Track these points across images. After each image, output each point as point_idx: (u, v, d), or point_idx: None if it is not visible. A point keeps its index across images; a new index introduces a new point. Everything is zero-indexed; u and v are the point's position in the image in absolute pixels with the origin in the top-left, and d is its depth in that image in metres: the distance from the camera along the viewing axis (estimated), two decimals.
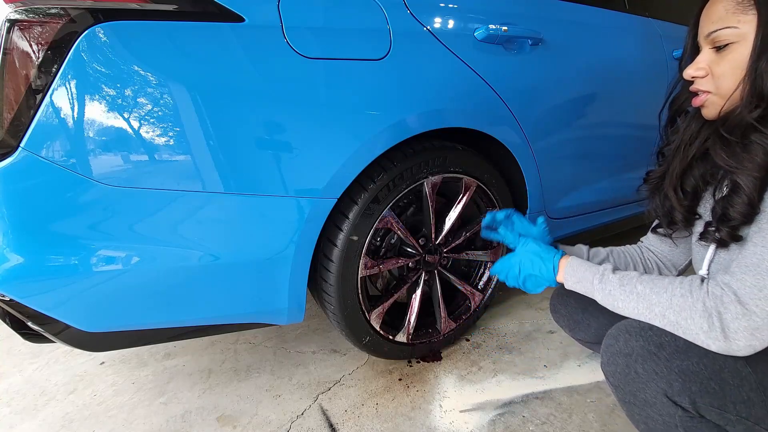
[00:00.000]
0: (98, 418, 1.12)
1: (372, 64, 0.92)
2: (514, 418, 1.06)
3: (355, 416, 1.09)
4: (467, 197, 1.18)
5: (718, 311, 0.59)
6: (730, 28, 0.63)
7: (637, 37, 1.45)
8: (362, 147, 0.93)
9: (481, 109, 1.10)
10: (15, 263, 0.75)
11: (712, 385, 0.61)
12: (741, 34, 0.62)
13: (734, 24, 0.63)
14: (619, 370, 0.66)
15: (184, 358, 1.35)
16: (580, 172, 1.42)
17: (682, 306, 0.63)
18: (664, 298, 0.65)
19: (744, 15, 0.62)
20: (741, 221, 0.63)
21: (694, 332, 0.62)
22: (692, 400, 0.61)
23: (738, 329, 0.58)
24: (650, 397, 0.63)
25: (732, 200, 0.63)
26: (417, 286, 1.20)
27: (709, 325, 0.60)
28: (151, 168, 0.78)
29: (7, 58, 0.69)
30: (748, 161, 0.61)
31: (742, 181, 0.62)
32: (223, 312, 0.95)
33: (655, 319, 0.66)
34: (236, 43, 0.80)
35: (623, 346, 0.66)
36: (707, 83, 0.68)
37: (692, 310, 0.62)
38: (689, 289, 0.63)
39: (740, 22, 0.62)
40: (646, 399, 0.64)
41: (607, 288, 0.72)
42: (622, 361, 0.66)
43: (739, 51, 0.63)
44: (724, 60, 0.65)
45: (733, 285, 0.60)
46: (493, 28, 1.05)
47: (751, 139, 0.62)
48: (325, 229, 0.98)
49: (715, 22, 0.65)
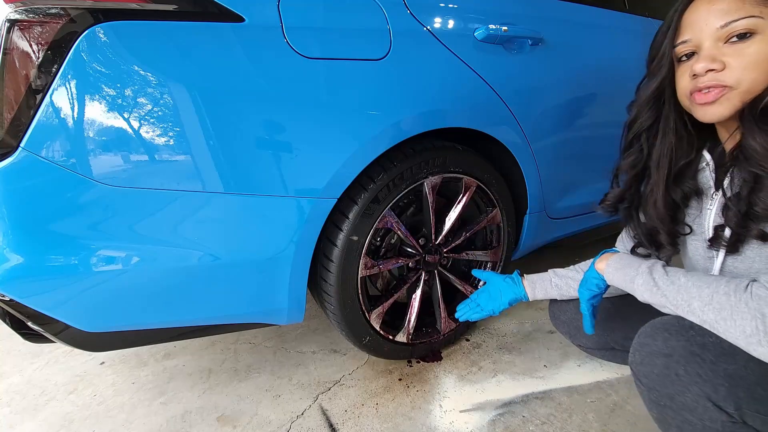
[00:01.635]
0: (98, 418, 1.12)
1: (372, 64, 0.92)
2: (514, 418, 1.06)
3: (355, 416, 1.09)
4: (467, 197, 1.18)
5: (762, 313, 0.56)
6: (753, 17, 0.61)
7: (637, 37, 1.45)
8: (362, 147, 0.93)
9: (481, 109, 1.10)
10: (15, 263, 0.75)
11: (759, 390, 0.58)
12: (764, 25, 0.60)
13: (756, 13, 0.60)
14: (657, 371, 0.63)
15: (184, 358, 1.35)
16: (580, 172, 1.42)
17: (723, 305, 0.59)
18: (706, 293, 0.61)
19: (764, 6, 0.61)
20: None
21: (734, 335, 0.58)
22: (738, 406, 0.58)
23: None
24: (691, 401, 0.60)
25: (758, 195, 0.61)
26: (417, 286, 1.20)
27: (751, 328, 0.56)
28: (151, 168, 0.78)
29: (7, 58, 0.69)
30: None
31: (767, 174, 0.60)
32: (223, 312, 0.95)
33: (693, 314, 0.63)
34: (236, 43, 0.80)
35: (662, 345, 0.63)
36: (726, 76, 0.63)
37: (734, 310, 0.58)
38: (734, 288, 0.60)
39: (763, 12, 0.61)
40: (686, 403, 0.60)
41: (654, 275, 0.69)
42: (661, 361, 0.62)
43: (762, 42, 0.61)
44: (745, 51, 0.62)
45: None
46: (493, 28, 1.05)
47: None
48: (325, 229, 0.98)
49: (732, 12, 0.62)
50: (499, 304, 1.04)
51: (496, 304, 1.04)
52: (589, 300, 0.86)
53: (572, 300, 0.97)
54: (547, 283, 0.96)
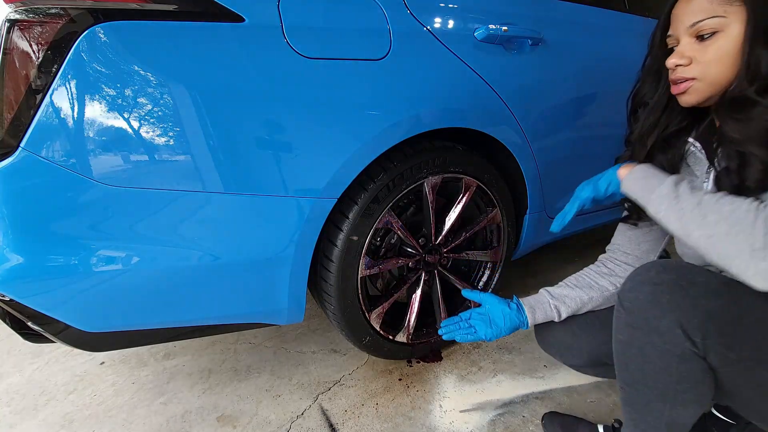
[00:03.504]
0: (98, 418, 1.12)
1: (372, 64, 0.92)
2: (514, 418, 1.06)
3: (355, 416, 1.09)
4: (467, 197, 1.18)
5: None
6: (716, 17, 0.66)
7: (637, 37, 1.45)
8: (362, 147, 0.93)
9: (481, 109, 1.10)
10: (15, 263, 0.75)
11: (728, 328, 0.63)
12: (726, 23, 0.66)
13: (721, 13, 0.66)
14: (642, 297, 0.67)
15: (184, 358, 1.35)
16: (581, 172, 1.41)
17: (741, 219, 0.60)
18: (727, 209, 0.62)
19: (730, 6, 0.66)
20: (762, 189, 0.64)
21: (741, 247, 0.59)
22: (704, 337, 0.62)
23: None
24: (663, 325, 0.64)
25: (746, 173, 0.65)
26: (417, 286, 1.20)
27: (762, 242, 0.57)
28: (151, 168, 0.78)
29: (7, 58, 0.69)
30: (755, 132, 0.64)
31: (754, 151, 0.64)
32: (223, 312, 0.95)
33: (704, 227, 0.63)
34: (236, 43, 0.80)
35: (654, 276, 0.67)
36: (692, 70, 0.70)
37: (750, 224, 0.59)
38: (756, 206, 0.60)
39: (727, 11, 0.66)
40: (658, 327, 0.65)
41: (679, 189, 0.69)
42: (648, 288, 0.66)
43: (725, 39, 0.67)
44: (709, 48, 0.68)
45: None
46: (493, 28, 1.05)
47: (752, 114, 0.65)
48: (325, 229, 0.98)
49: (699, 13, 0.68)
50: (499, 330, 0.93)
51: (494, 331, 0.94)
52: (586, 199, 0.86)
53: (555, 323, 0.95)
54: (547, 306, 0.92)
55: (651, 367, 0.68)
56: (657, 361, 0.67)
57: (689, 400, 0.69)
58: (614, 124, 1.46)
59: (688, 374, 0.66)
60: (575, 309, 0.91)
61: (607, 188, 0.83)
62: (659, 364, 0.67)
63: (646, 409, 0.72)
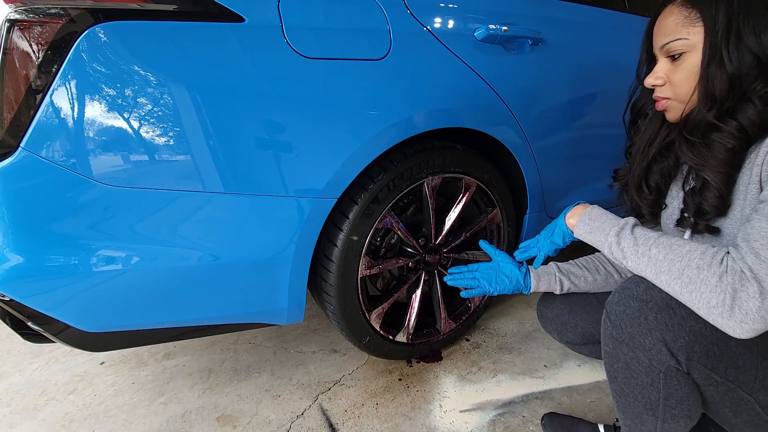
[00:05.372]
0: (98, 418, 1.12)
1: (372, 64, 0.92)
2: (514, 418, 1.06)
3: (355, 416, 1.09)
4: (467, 197, 1.18)
5: (734, 289, 0.57)
6: (681, 39, 0.68)
7: (637, 37, 1.45)
8: (362, 147, 0.93)
9: (481, 109, 1.10)
10: (15, 263, 0.75)
11: (714, 350, 0.63)
12: (692, 44, 0.67)
13: (684, 36, 0.68)
14: (629, 312, 0.67)
15: (184, 358, 1.35)
16: (580, 172, 1.42)
17: (693, 279, 0.61)
18: (677, 267, 0.63)
19: (692, 27, 0.67)
20: (715, 213, 0.67)
21: (697, 305, 0.61)
22: (689, 357, 0.63)
23: (750, 310, 0.56)
24: (649, 342, 0.65)
25: (704, 195, 0.68)
26: (417, 286, 1.20)
27: (717, 300, 0.58)
28: (151, 168, 0.78)
29: (7, 58, 0.69)
30: (712, 158, 0.66)
31: (710, 178, 0.66)
32: (223, 312, 0.95)
33: (659, 284, 0.65)
34: (236, 43, 0.80)
35: (642, 292, 0.67)
36: (666, 90, 0.72)
37: (703, 283, 0.60)
38: (708, 262, 0.61)
39: (690, 33, 0.67)
40: (643, 343, 0.65)
41: (622, 245, 0.72)
42: (635, 304, 0.66)
43: (691, 59, 0.68)
44: (678, 69, 0.70)
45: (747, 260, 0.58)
46: (493, 28, 1.05)
47: (711, 138, 0.66)
48: (325, 229, 0.98)
49: (668, 35, 0.70)
50: (503, 288, 0.97)
51: (498, 287, 0.97)
52: (549, 252, 0.90)
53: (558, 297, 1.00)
54: (552, 277, 0.96)
55: (637, 381, 0.68)
56: (643, 376, 0.67)
57: (678, 415, 0.69)
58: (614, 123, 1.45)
59: (674, 390, 0.66)
60: (578, 287, 0.95)
61: (564, 239, 0.87)
62: (645, 379, 0.67)
63: (639, 420, 0.72)
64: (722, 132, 0.65)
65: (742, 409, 0.67)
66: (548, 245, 0.89)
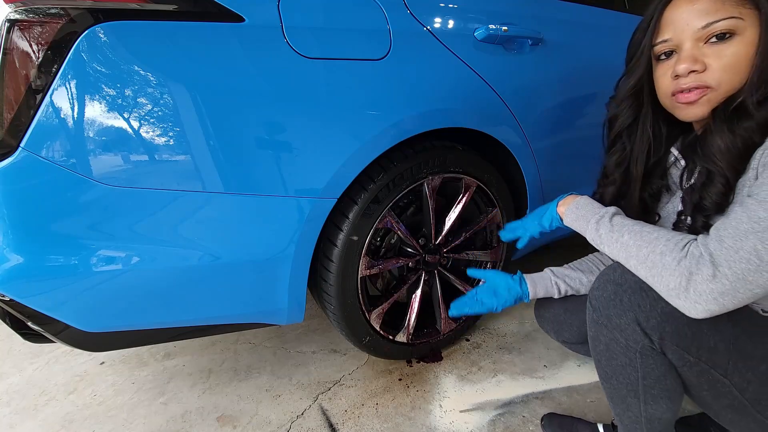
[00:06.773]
0: (98, 418, 1.12)
1: (372, 64, 0.92)
2: (514, 418, 1.06)
3: (355, 416, 1.09)
4: (467, 197, 1.18)
5: (690, 272, 0.59)
6: (733, 18, 0.62)
7: None
8: (362, 147, 0.93)
9: (481, 109, 1.10)
10: (15, 263, 0.75)
11: (686, 330, 0.65)
12: (743, 26, 0.62)
13: (737, 14, 0.62)
14: (606, 295, 0.70)
15: (184, 358, 1.35)
16: (580, 172, 1.42)
17: (656, 263, 0.63)
18: (644, 253, 0.65)
19: (743, 8, 0.62)
20: (715, 210, 0.65)
21: (659, 287, 0.63)
22: (661, 337, 0.65)
23: (703, 291, 0.58)
24: (624, 323, 0.68)
25: (707, 190, 0.66)
26: (417, 286, 1.20)
27: (675, 283, 0.60)
28: (151, 168, 0.78)
29: (7, 58, 0.69)
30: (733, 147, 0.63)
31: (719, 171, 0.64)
32: (223, 312, 0.95)
33: (630, 268, 0.68)
34: (236, 43, 0.80)
35: (618, 276, 0.70)
36: (706, 77, 0.65)
37: (664, 268, 0.62)
38: (671, 248, 0.63)
39: (742, 14, 0.62)
40: (620, 324, 0.68)
41: (600, 231, 0.74)
42: (612, 288, 0.69)
43: (741, 43, 0.62)
44: (725, 51, 0.63)
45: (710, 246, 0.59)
46: (493, 28, 1.05)
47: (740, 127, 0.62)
48: (325, 229, 0.98)
49: (712, 14, 0.63)
50: (504, 300, 0.99)
51: (500, 301, 0.99)
52: (534, 232, 0.92)
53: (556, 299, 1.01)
54: (548, 281, 0.98)
55: (617, 362, 0.71)
56: (621, 356, 0.70)
57: (657, 396, 0.71)
58: None
59: (651, 369, 0.69)
60: (575, 289, 0.96)
61: (551, 224, 0.89)
62: (623, 359, 0.70)
63: (625, 405, 0.75)
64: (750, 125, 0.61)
65: (720, 392, 0.69)
66: (535, 227, 0.92)
